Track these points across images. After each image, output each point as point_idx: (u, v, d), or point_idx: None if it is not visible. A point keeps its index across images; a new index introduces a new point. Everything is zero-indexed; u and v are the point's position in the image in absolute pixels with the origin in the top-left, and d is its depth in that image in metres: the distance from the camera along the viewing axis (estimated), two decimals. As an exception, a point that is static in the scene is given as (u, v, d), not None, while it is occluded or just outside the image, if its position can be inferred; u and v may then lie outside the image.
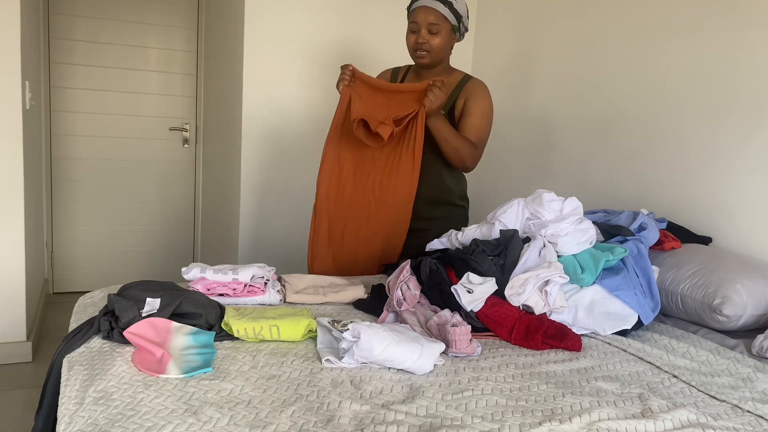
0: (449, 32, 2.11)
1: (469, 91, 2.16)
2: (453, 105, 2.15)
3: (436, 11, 2.05)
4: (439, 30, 2.07)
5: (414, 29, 2.10)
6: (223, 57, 3.48)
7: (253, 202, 3.15)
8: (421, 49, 2.10)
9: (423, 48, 2.10)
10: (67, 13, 3.71)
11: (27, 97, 2.74)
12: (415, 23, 2.08)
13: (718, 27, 2.13)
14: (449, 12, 2.07)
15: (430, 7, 2.05)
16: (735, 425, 1.17)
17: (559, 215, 1.79)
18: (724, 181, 2.10)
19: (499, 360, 1.44)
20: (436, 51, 2.11)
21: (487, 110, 2.15)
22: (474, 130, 2.12)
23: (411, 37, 2.11)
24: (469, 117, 2.13)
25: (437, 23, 2.06)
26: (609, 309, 1.64)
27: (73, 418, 1.09)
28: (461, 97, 2.15)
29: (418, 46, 2.10)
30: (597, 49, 2.64)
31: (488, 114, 2.15)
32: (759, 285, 1.69)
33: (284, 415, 1.10)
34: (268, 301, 1.73)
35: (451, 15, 2.08)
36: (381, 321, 1.62)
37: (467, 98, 2.14)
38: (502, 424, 1.11)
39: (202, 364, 1.27)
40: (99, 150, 3.91)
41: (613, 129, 2.56)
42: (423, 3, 2.06)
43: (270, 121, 3.10)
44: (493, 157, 3.30)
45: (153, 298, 1.44)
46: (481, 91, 2.16)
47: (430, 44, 2.09)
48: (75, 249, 3.96)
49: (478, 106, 2.13)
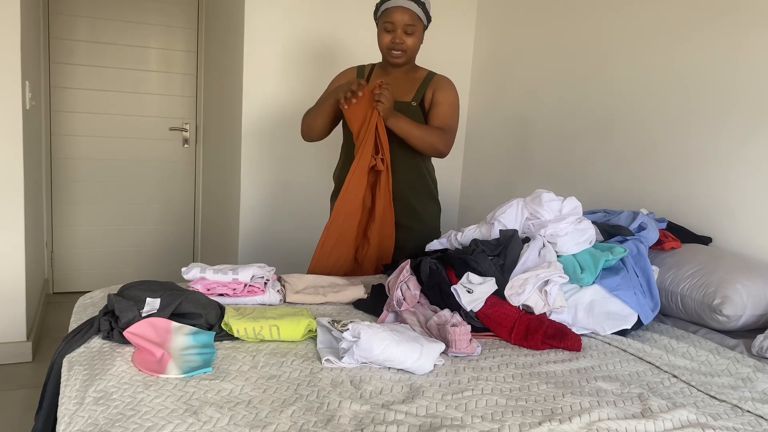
0: (422, 31, 2.16)
1: (435, 84, 2.21)
2: (423, 97, 2.20)
3: (411, 12, 2.08)
4: (415, 30, 2.11)
5: (389, 29, 2.11)
6: (223, 57, 3.48)
7: (253, 202, 3.15)
8: (398, 49, 2.13)
9: (399, 48, 2.12)
10: (67, 13, 3.71)
11: (27, 97, 2.74)
12: (390, 23, 2.10)
13: (718, 27, 2.13)
14: (422, 12, 2.11)
15: (406, 8, 2.08)
16: (735, 425, 1.17)
17: (559, 215, 1.79)
18: (724, 181, 2.10)
19: (499, 360, 1.44)
20: (412, 51, 2.15)
21: (454, 100, 2.22)
22: (441, 117, 2.18)
23: (386, 36, 2.13)
24: (437, 107, 2.19)
25: (413, 24, 2.09)
26: (609, 309, 1.64)
27: (73, 418, 1.09)
28: (429, 89, 2.21)
29: (395, 46, 2.12)
30: (597, 48, 2.64)
31: (455, 103, 2.22)
32: (759, 285, 1.69)
33: (284, 415, 1.10)
34: (268, 301, 1.73)
35: (424, 15, 2.13)
36: (381, 321, 1.62)
37: (435, 90, 2.20)
38: (502, 424, 1.11)
39: (202, 364, 1.27)
40: (99, 150, 3.91)
41: (613, 129, 2.56)
42: (399, 3, 2.07)
43: (270, 120, 3.10)
44: (491, 157, 3.30)
45: (153, 298, 1.44)
46: (448, 84, 2.23)
47: (406, 44, 2.12)
48: (75, 249, 3.96)
49: (445, 96, 2.20)
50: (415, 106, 2.19)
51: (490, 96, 3.33)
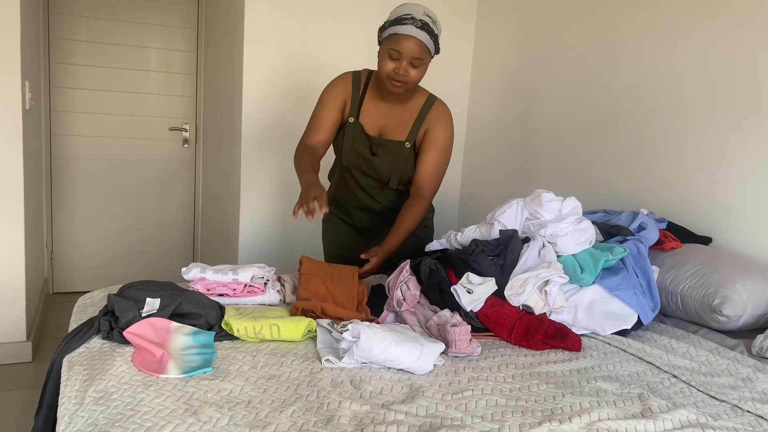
0: (428, 64, 1.93)
1: (430, 121, 2.04)
2: (415, 137, 2.05)
3: (422, 44, 1.85)
4: (421, 63, 1.88)
5: (394, 57, 1.86)
6: (223, 57, 3.48)
7: (253, 202, 3.15)
8: (400, 81, 1.90)
9: (401, 80, 1.89)
10: (67, 13, 3.71)
11: (27, 97, 2.74)
12: (397, 51, 1.85)
13: (718, 27, 2.13)
14: (433, 44, 1.89)
15: (417, 39, 1.83)
16: (735, 425, 1.17)
17: (558, 215, 1.79)
18: (724, 180, 2.10)
19: (499, 360, 1.44)
20: (414, 84, 1.94)
21: (446, 142, 2.05)
22: (429, 168, 2.04)
23: (389, 63, 1.88)
24: (427, 153, 2.04)
25: (421, 57, 1.86)
26: (609, 309, 1.64)
27: (73, 418, 1.09)
28: (423, 128, 2.04)
29: (397, 77, 1.89)
30: (597, 49, 2.64)
31: (446, 146, 2.06)
32: (759, 285, 1.69)
33: (284, 415, 1.10)
34: (268, 301, 1.73)
35: (434, 47, 1.91)
36: (381, 321, 1.62)
37: (428, 129, 2.04)
38: (502, 424, 1.11)
39: (202, 364, 1.27)
40: (99, 150, 3.91)
41: (613, 129, 2.56)
42: (410, 33, 1.83)
43: (270, 121, 3.10)
44: (490, 157, 3.30)
45: (153, 298, 1.44)
46: (442, 122, 2.05)
47: (410, 77, 1.89)
48: (75, 249, 3.96)
49: (436, 138, 2.03)
50: (408, 148, 2.04)
51: (489, 96, 3.33)
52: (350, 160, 2.08)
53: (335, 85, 2.08)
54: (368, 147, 2.06)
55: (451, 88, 3.39)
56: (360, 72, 2.10)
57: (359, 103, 2.05)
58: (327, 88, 2.08)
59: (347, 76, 2.09)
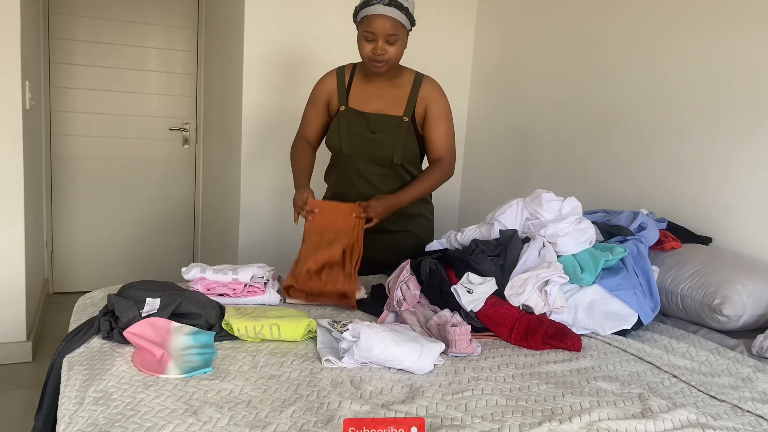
0: (405, 37, 2.00)
1: (426, 98, 2.10)
2: (413, 112, 2.09)
3: (394, 20, 1.91)
4: (397, 39, 1.95)
5: (369, 38, 1.94)
6: (223, 57, 3.48)
7: (253, 202, 3.15)
8: (379, 60, 1.97)
9: (381, 59, 1.96)
10: (67, 13, 3.71)
11: (27, 97, 2.73)
12: (371, 33, 1.93)
13: (718, 27, 2.13)
14: (405, 17, 1.94)
15: (388, 16, 1.90)
16: (735, 425, 1.17)
17: (558, 215, 1.79)
18: (724, 181, 2.10)
19: (499, 360, 1.44)
20: (395, 60, 2.00)
21: (448, 112, 2.14)
22: (443, 140, 2.13)
23: (366, 46, 1.96)
24: (435, 129, 2.11)
25: (395, 33, 1.93)
26: (609, 309, 1.64)
27: (73, 418, 1.09)
28: (420, 104, 2.09)
29: (376, 57, 1.96)
30: (597, 49, 2.64)
31: (448, 115, 2.14)
32: (759, 285, 1.69)
33: (284, 415, 1.10)
34: (268, 301, 1.73)
35: (407, 20, 1.96)
36: (381, 321, 1.62)
37: (427, 106, 2.10)
38: (502, 424, 1.11)
39: (202, 364, 1.27)
40: (99, 150, 3.91)
41: (613, 129, 2.56)
42: (378, 11, 1.90)
43: (270, 120, 3.10)
44: (491, 157, 3.30)
45: (153, 298, 1.45)
46: (438, 95, 2.11)
47: (388, 54, 1.96)
48: (75, 249, 3.96)
49: (438, 111, 2.10)
50: (407, 122, 2.08)
51: (489, 97, 3.33)
52: (351, 145, 2.11)
53: (318, 84, 2.22)
54: (366, 126, 2.10)
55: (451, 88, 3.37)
56: (344, 66, 2.21)
57: (346, 92, 2.14)
58: (313, 88, 2.22)
59: (331, 72, 2.21)
